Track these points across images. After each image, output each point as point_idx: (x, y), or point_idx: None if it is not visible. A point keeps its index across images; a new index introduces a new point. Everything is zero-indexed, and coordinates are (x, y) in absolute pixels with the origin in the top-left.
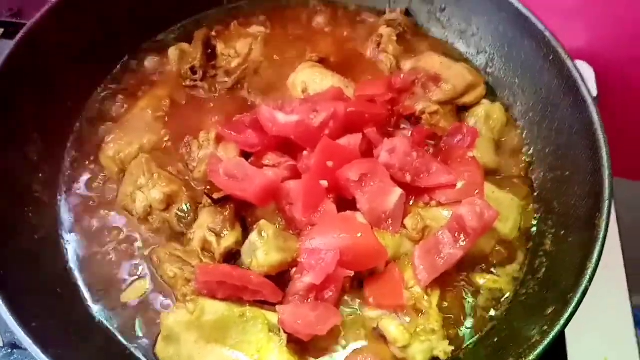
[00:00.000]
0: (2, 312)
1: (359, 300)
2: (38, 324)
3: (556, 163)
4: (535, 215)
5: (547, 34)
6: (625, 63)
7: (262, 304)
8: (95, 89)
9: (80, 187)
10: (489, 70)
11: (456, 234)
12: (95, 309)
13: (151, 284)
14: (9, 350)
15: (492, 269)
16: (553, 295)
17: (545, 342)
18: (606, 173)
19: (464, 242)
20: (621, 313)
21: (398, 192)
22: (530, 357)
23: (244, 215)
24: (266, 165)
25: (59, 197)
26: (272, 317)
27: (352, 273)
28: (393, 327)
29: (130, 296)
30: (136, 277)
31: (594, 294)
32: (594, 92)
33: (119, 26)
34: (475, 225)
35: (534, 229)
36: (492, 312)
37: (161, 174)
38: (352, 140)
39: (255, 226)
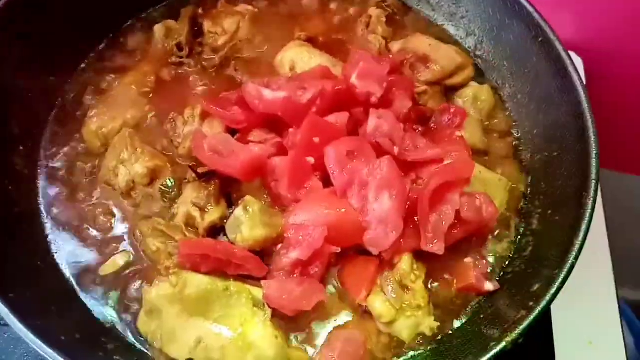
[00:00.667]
0: None
1: None
2: (16, 295)
3: (544, 144)
4: (523, 195)
5: (535, 15)
6: (613, 54)
7: (246, 278)
8: (80, 64)
9: (61, 161)
10: (477, 52)
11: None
12: (75, 282)
13: (132, 258)
14: None
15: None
16: (539, 273)
17: (531, 317)
18: (593, 152)
19: (455, 230)
20: (607, 300)
21: None
22: (516, 332)
23: (229, 191)
24: (252, 142)
25: (39, 171)
26: (257, 292)
27: (338, 249)
28: (379, 303)
29: (110, 269)
30: (117, 251)
31: (581, 280)
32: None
33: (105, 1)
34: (471, 218)
35: (522, 208)
36: None
37: (145, 148)
38: (339, 119)
39: (240, 202)
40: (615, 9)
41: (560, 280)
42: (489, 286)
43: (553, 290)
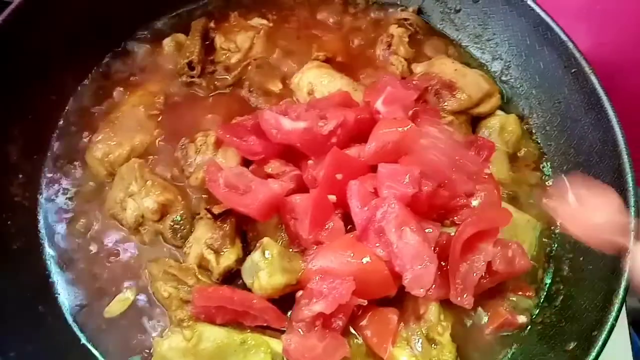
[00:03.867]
0: None
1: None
2: (17, 353)
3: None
4: (553, 238)
5: (569, 45)
6: (631, 66)
7: (264, 328)
8: (82, 81)
9: (63, 191)
10: (503, 78)
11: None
12: (79, 328)
13: (140, 300)
14: None
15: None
16: (574, 329)
17: None
18: (632, 200)
19: (484, 280)
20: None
21: None
22: None
23: (244, 229)
24: (269, 175)
25: (39, 202)
26: (275, 345)
27: (365, 302)
28: (405, 358)
29: (115, 311)
30: (123, 291)
31: None
32: None
33: (109, 12)
34: (502, 270)
35: (552, 252)
36: None
37: (155, 180)
38: (361, 152)
39: (258, 244)
40: (633, 22)
41: (599, 343)
42: (522, 319)
43: (592, 355)
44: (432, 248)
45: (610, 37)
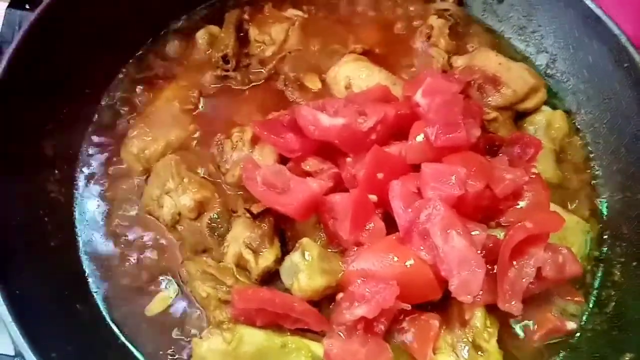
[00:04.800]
0: (20, 345)
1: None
2: (58, 354)
3: (627, 183)
4: (603, 240)
5: (622, 39)
6: None
7: (304, 331)
8: (116, 76)
9: (99, 186)
10: (549, 72)
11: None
12: (117, 327)
13: (179, 299)
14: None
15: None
16: (628, 338)
17: None
18: None
19: (532, 286)
20: None
21: None
22: None
23: (282, 227)
24: (307, 173)
25: (76, 198)
26: (316, 348)
27: (409, 307)
28: None
29: (156, 310)
30: (161, 290)
31: None
32: None
33: (142, 5)
34: (552, 277)
35: (601, 255)
36: None
37: (192, 177)
38: (403, 150)
39: (297, 244)
40: None
41: None
42: (571, 325)
43: None
44: (479, 252)
45: None
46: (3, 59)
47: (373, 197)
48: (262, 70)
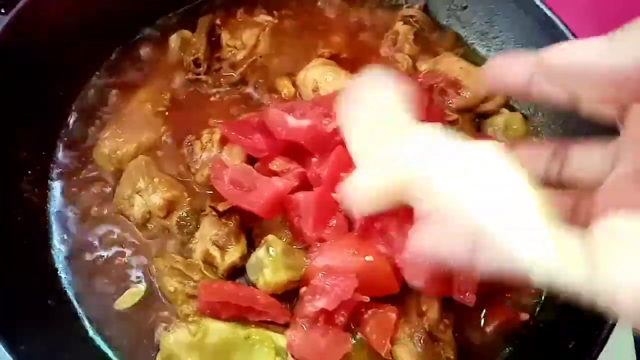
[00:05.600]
0: None
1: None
2: (26, 346)
3: None
4: None
5: None
6: None
7: (268, 324)
8: (89, 78)
9: (72, 186)
10: None
11: None
12: (88, 321)
13: (147, 293)
14: None
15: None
16: (574, 328)
17: None
18: None
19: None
20: None
21: None
22: None
23: (249, 225)
24: (274, 172)
25: (49, 198)
26: (279, 340)
27: (367, 299)
28: (405, 356)
29: (125, 304)
30: (131, 285)
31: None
32: None
33: (115, 8)
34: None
35: None
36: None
37: (162, 177)
38: None
39: (262, 241)
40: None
41: (599, 343)
42: (524, 316)
43: (593, 355)
44: None
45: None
46: None
47: (336, 196)
48: (233, 74)
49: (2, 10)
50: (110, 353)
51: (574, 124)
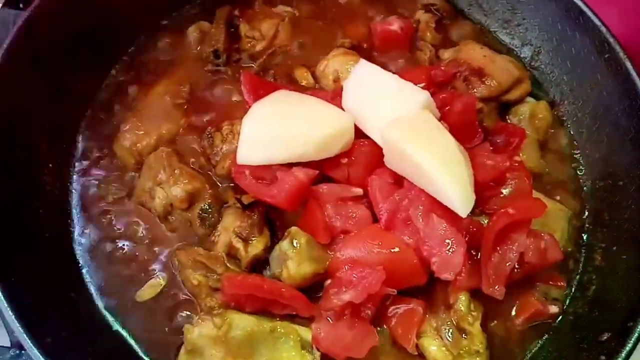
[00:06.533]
0: (16, 330)
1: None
2: (53, 339)
3: (608, 171)
4: (585, 227)
5: (603, 30)
6: None
7: (293, 317)
8: (109, 71)
9: (93, 179)
10: (533, 64)
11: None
12: (110, 313)
13: (169, 286)
14: (17, 352)
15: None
16: (607, 319)
17: None
18: None
19: (515, 271)
20: None
21: None
22: None
23: (272, 217)
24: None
25: (70, 191)
26: (305, 333)
27: (394, 292)
28: (434, 348)
29: (147, 295)
30: (152, 277)
31: None
32: None
33: (132, 2)
34: (534, 262)
35: (583, 240)
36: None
37: (183, 169)
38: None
39: (286, 233)
40: None
41: (635, 335)
42: (553, 309)
43: (629, 346)
44: (462, 234)
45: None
46: None
47: (358, 190)
48: (253, 65)
49: (21, 5)
50: (133, 344)
51: (601, 112)
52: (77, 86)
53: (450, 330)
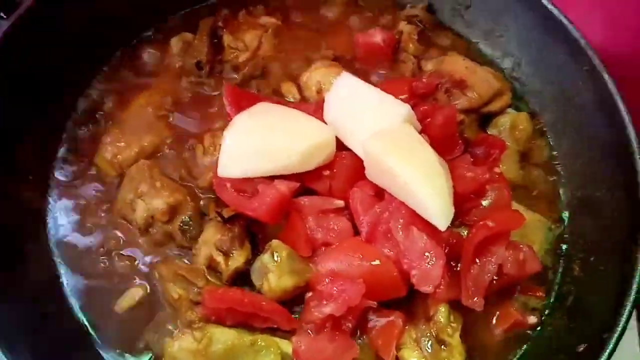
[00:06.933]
0: None
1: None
2: (30, 354)
3: (587, 181)
4: (564, 237)
5: (581, 41)
6: None
7: (274, 330)
8: (90, 82)
9: (73, 191)
10: (514, 75)
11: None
12: (91, 327)
13: (149, 297)
14: None
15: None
16: (584, 330)
17: None
18: None
19: (495, 282)
20: None
21: None
22: None
23: (254, 230)
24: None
25: (49, 203)
26: (285, 346)
27: (375, 304)
28: (414, 359)
29: (126, 305)
30: (132, 290)
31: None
32: None
33: (116, 12)
34: (513, 273)
35: (562, 251)
36: None
37: (164, 181)
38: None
39: (267, 246)
40: None
41: (611, 345)
42: (532, 319)
43: (604, 359)
44: (442, 247)
45: (624, 28)
46: None
47: (340, 202)
48: (235, 76)
49: (3, 15)
50: (109, 357)
51: (581, 123)
52: (59, 97)
53: (430, 341)
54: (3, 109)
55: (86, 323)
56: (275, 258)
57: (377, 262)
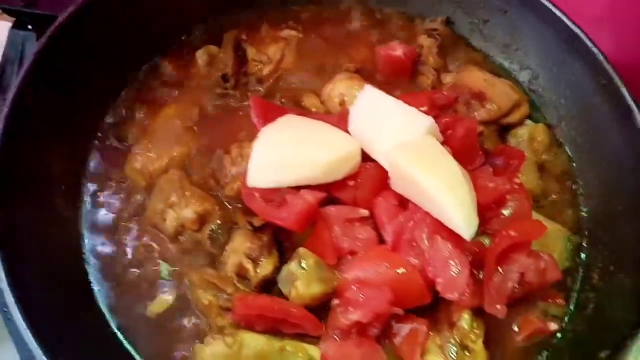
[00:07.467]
0: (34, 349)
1: None
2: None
3: (606, 194)
4: (583, 246)
5: (599, 57)
6: None
7: (302, 336)
8: (119, 94)
9: (104, 200)
10: (532, 87)
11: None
12: (122, 334)
13: (179, 303)
14: None
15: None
16: (605, 337)
17: None
18: None
19: (515, 290)
20: None
21: None
22: None
23: (281, 238)
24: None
25: (81, 212)
26: (313, 352)
27: (401, 311)
28: None
29: (157, 309)
30: (163, 294)
31: None
32: None
33: (142, 26)
34: (534, 281)
35: (581, 260)
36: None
37: (193, 191)
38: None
39: (294, 254)
40: None
41: (633, 352)
42: (553, 326)
43: None
44: (466, 255)
45: (633, 38)
46: (14, 82)
47: (365, 212)
48: (260, 88)
49: (29, 27)
50: None
51: (599, 136)
52: (89, 109)
53: (454, 347)
54: (36, 121)
55: (116, 329)
56: (303, 266)
57: (402, 270)
